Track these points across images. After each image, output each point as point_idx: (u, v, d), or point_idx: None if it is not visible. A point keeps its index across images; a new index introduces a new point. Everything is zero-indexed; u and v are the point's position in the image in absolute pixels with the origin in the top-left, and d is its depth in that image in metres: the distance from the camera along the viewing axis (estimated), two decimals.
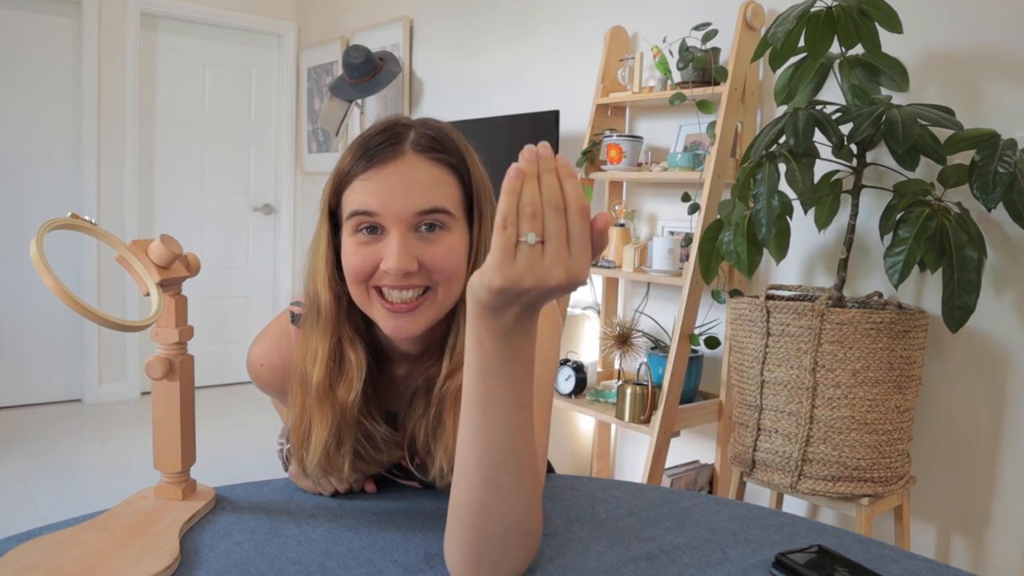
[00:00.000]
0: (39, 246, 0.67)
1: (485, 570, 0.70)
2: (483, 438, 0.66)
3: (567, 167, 0.58)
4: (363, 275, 0.81)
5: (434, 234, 0.81)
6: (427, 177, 0.81)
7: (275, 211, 4.63)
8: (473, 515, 0.68)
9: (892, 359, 1.68)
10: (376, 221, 0.80)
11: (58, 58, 3.89)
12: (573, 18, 2.88)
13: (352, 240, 0.81)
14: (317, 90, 4.43)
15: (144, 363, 0.86)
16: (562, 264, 0.58)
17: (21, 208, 3.84)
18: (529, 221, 0.58)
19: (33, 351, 3.94)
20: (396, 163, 0.80)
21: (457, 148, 0.85)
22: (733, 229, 1.86)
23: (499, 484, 0.67)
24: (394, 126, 0.83)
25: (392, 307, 0.81)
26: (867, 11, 1.73)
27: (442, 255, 0.81)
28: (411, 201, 0.79)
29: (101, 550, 0.71)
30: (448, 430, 0.85)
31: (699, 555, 0.78)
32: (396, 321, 0.81)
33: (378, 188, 0.79)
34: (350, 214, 0.81)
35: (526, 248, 0.58)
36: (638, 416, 2.24)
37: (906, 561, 0.78)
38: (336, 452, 0.85)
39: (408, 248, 0.79)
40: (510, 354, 0.64)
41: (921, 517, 1.95)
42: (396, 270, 0.78)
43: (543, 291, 0.59)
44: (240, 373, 4.59)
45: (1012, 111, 1.76)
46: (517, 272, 0.58)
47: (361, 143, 0.83)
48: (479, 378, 0.65)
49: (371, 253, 0.80)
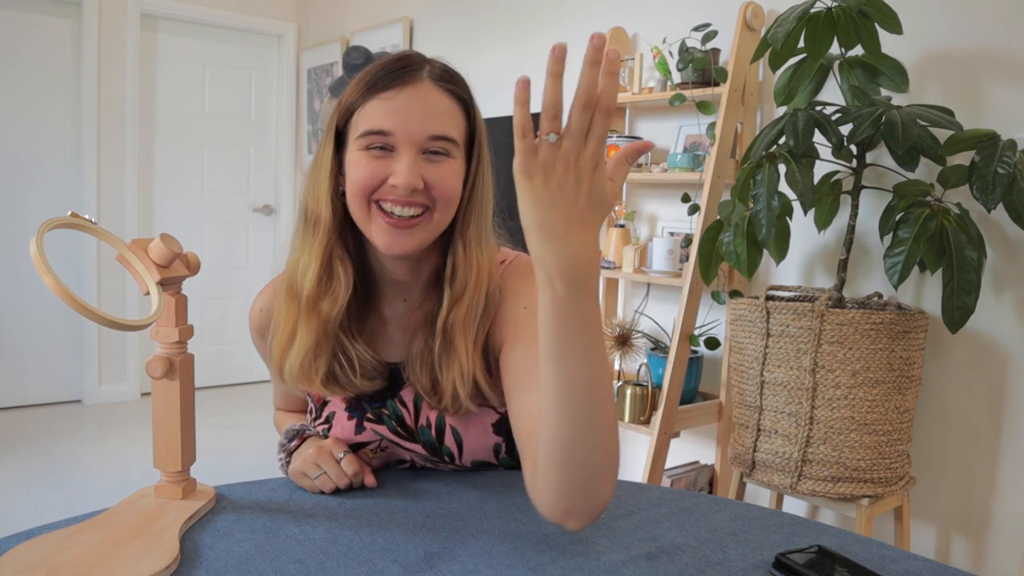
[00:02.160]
0: (39, 245, 0.67)
1: (580, 501, 0.72)
2: (566, 376, 0.68)
3: (614, 64, 0.59)
4: (369, 188, 0.85)
5: (439, 158, 0.86)
6: (441, 105, 0.86)
7: (275, 211, 4.63)
8: (566, 450, 0.70)
9: (892, 360, 1.68)
10: (389, 141, 0.84)
11: (58, 58, 3.89)
12: (573, 18, 2.88)
13: (362, 155, 0.85)
14: (317, 91, 4.43)
15: (144, 364, 0.86)
16: (575, 154, 0.61)
17: (21, 208, 3.85)
18: (549, 123, 0.60)
19: (33, 351, 3.94)
20: (415, 87, 0.85)
21: (466, 85, 0.91)
22: (733, 230, 1.86)
23: (586, 416, 0.69)
24: (409, 57, 0.88)
25: (392, 222, 0.85)
26: (867, 12, 1.73)
27: (444, 177, 0.86)
28: (426, 125, 0.85)
29: (100, 549, 0.71)
30: (460, 353, 0.89)
31: (699, 555, 0.78)
32: (393, 237, 0.85)
33: (396, 109, 0.84)
34: (364, 132, 0.85)
35: (546, 144, 0.61)
36: (638, 417, 2.24)
37: (906, 561, 0.78)
38: (312, 363, 0.90)
39: (416, 167, 0.84)
40: (579, 293, 0.65)
41: (921, 517, 1.95)
42: (405, 185, 0.83)
43: (564, 180, 0.61)
44: (240, 373, 4.59)
45: (1012, 111, 1.77)
46: (537, 164, 0.61)
47: (377, 68, 0.87)
48: (554, 321, 0.66)
49: (380, 168, 0.84)
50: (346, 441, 0.97)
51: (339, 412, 0.98)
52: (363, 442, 0.98)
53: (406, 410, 0.96)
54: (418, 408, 0.96)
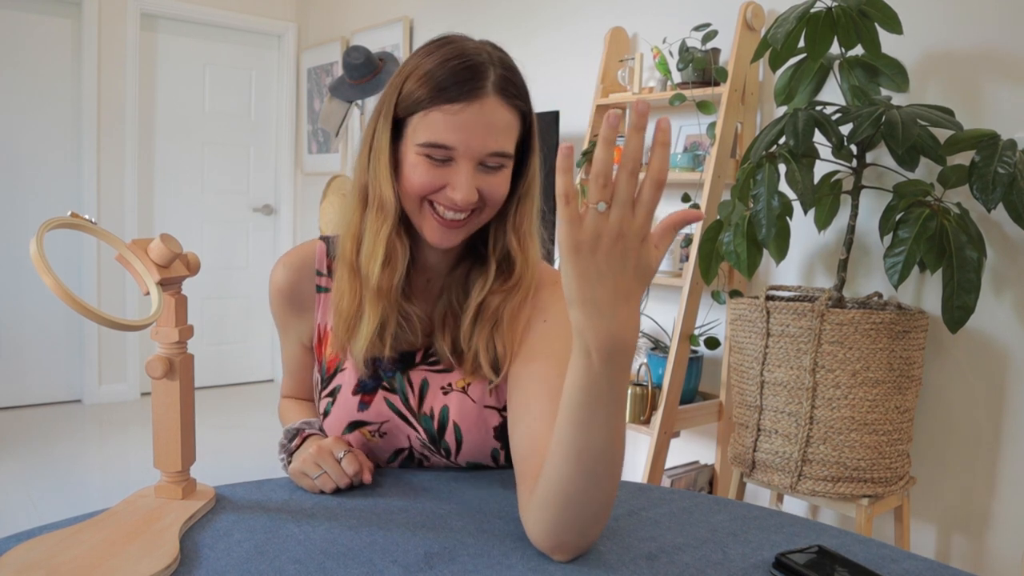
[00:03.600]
0: (39, 245, 0.67)
1: (572, 538, 0.73)
2: (586, 442, 0.68)
3: (665, 133, 0.58)
4: (425, 192, 0.89)
5: (494, 170, 0.89)
6: (504, 122, 0.88)
7: (275, 212, 4.63)
8: (568, 499, 0.71)
9: (892, 359, 1.68)
10: (450, 154, 0.87)
11: (58, 58, 3.90)
12: (573, 19, 2.88)
13: (420, 159, 0.88)
14: (317, 91, 4.43)
15: (144, 364, 0.86)
16: (624, 225, 0.59)
17: (21, 208, 3.85)
18: (599, 192, 0.59)
19: (33, 351, 3.94)
20: (481, 104, 0.86)
21: (527, 92, 0.92)
22: (733, 230, 1.86)
23: (596, 473, 0.70)
24: (475, 63, 0.87)
25: (443, 222, 0.90)
26: (867, 12, 1.73)
27: (497, 185, 0.90)
28: (488, 143, 0.87)
29: (100, 549, 0.71)
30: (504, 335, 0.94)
31: (699, 555, 0.78)
32: (442, 235, 0.90)
33: (460, 126, 0.85)
34: (427, 143, 0.86)
35: (594, 213, 0.60)
36: (638, 417, 2.24)
37: (906, 561, 0.78)
38: (382, 335, 0.94)
39: (473, 181, 0.87)
40: (615, 366, 0.65)
41: (921, 517, 1.95)
42: (464, 203, 0.87)
43: (611, 253, 0.60)
44: (240, 373, 4.59)
45: (1012, 111, 1.76)
46: (585, 235, 0.60)
47: (444, 71, 0.86)
48: (583, 389, 0.66)
49: (438, 175, 0.87)
50: (347, 418, 0.98)
51: (345, 387, 0.99)
52: (364, 421, 0.98)
53: (411, 391, 0.98)
54: (423, 394, 0.98)
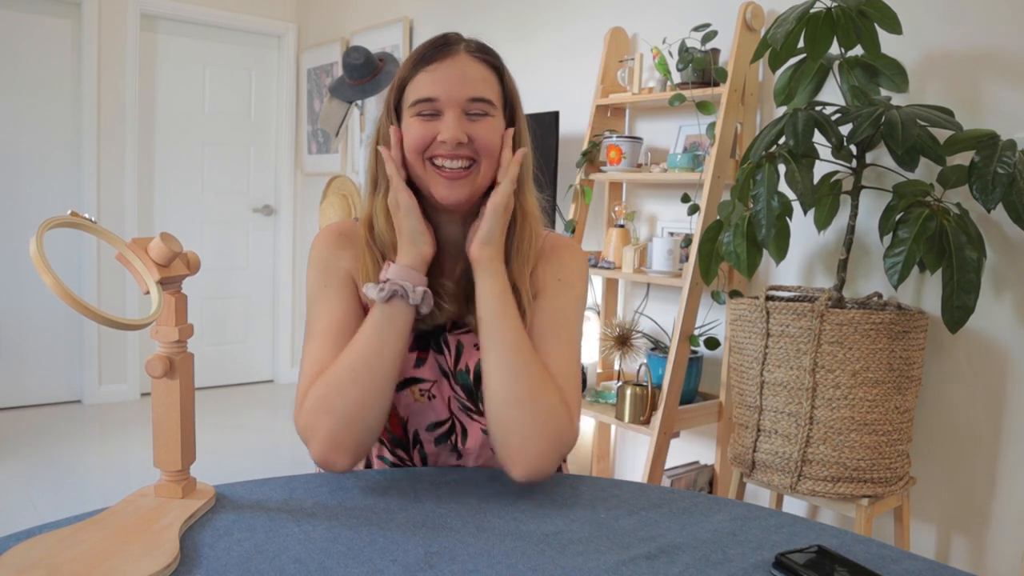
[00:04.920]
0: (39, 245, 0.67)
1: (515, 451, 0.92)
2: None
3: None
4: (422, 145, 1.00)
5: (479, 117, 1.01)
6: (477, 73, 1.02)
7: (275, 212, 4.63)
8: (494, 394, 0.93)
9: (892, 360, 1.68)
10: (436, 106, 1.00)
11: (58, 59, 3.89)
12: (573, 19, 2.88)
13: (414, 120, 1.01)
14: (317, 91, 4.43)
15: (144, 363, 0.86)
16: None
17: (21, 208, 3.84)
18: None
19: (33, 351, 3.94)
20: (453, 59, 1.01)
21: (498, 56, 1.07)
22: (733, 230, 1.86)
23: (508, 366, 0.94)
24: (448, 36, 1.05)
25: (446, 175, 1.00)
26: (866, 12, 1.73)
27: (485, 132, 1.01)
28: (465, 89, 1.00)
29: (100, 549, 0.71)
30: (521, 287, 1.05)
31: (699, 555, 0.78)
32: (448, 189, 1.00)
33: (439, 78, 1.00)
34: (414, 101, 1.00)
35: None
36: (638, 417, 2.23)
37: (906, 561, 0.78)
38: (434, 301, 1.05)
39: (460, 124, 0.99)
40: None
41: (921, 517, 1.95)
42: (451, 139, 0.98)
43: None
44: (240, 373, 4.59)
45: (1012, 112, 1.77)
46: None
47: (422, 50, 1.03)
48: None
49: (430, 128, 1.00)
50: (404, 374, 1.05)
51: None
52: (419, 378, 1.07)
53: (448, 351, 1.08)
54: (459, 353, 1.08)
